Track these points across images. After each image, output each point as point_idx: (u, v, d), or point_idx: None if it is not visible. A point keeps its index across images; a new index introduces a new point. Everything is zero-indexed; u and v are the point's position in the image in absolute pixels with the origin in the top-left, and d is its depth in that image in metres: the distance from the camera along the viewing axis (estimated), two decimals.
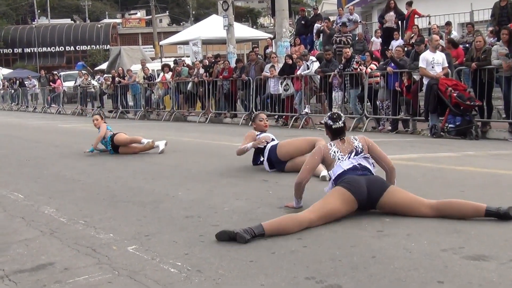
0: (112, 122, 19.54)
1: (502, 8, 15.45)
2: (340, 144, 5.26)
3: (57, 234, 4.91)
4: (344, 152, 5.20)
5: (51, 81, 30.30)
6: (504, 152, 9.37)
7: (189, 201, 6.06)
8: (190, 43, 26.01)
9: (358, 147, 5.22)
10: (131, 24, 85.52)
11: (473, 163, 8.16)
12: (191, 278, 3.69)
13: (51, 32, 72.19)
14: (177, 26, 74.58)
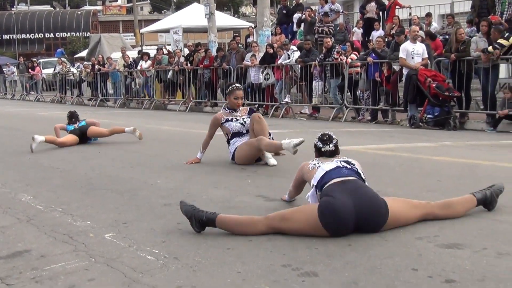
0: (92, 110, 19.46)
1: (481, 0, 15.55)
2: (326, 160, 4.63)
3: (34, 222, 4.88)
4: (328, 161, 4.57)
5: (30, 68, 29.99)
6: (481, 143, 9.46)
7: (168, 189, 6.05)
8: (171, 31, 25.86)
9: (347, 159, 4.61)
10: (112, 12, 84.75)
11: (450, 153, 8.23)
12: (168, 266, 3.69)
13: (30, 19, 71.30)
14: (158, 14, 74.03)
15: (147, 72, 20.93)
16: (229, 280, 3.41)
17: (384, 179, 6.21)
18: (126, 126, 10.28)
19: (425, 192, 5.51)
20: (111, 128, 10.25)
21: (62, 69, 26.82)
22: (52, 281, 3.51)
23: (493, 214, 4.60)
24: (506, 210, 4.71)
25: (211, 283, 3.38)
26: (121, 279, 3.49)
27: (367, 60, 13.26)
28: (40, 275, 3.62)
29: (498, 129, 11.10)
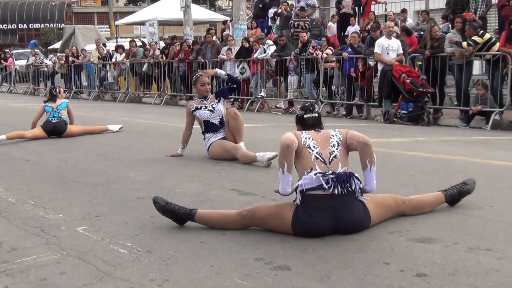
0: None
1: None
2: (314, 132, 4.22)
3: (5, 214, 4.84)
4: (318, 142, 4.13)
5: (2, 59, 29.55)
6: (454, 138, 9.56)
7: (141, 182, 6.03)
8: (147, 24, 25.71)
9: (335, 136, 4.19)
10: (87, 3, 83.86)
11: (423, 148, 8.31)
12: (141, 259, 3.68)
13: (3, 9, 70.31)
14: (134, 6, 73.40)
15: (122, 65, 20.78)
16: (202, 274, 3.41)
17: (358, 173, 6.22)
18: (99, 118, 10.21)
19: (398, 186, 5.56)
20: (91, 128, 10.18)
21: (35, 61, 26.53)
22: (23, 274, 3.48)
23: (464, 209, 4.65)
24: (477, 205, 4.77)
25: (184, 277, 3.38)
26: (94, 272, 3.47)
27: (343, 55, 13.31)
28: (11, 268, 3.59)
29: (471, 125, 11.23)
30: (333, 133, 4.22)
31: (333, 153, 4.10)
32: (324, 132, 4.24)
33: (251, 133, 9.92)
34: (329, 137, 4.17)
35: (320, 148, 4.09)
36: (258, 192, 5.40)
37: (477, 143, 9.06)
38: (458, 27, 11.84)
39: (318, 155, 4.06)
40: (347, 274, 3.35)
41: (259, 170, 6.55)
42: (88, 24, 53.42)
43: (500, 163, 6.94)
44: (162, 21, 26.21)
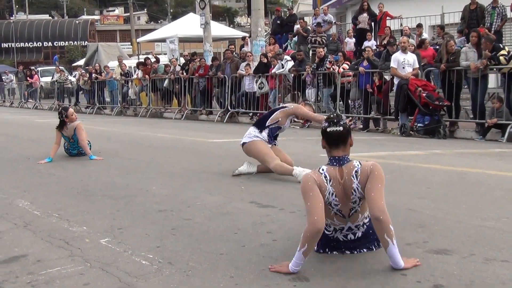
0: (89, 118, 19.45)
1: (471, 11, 15.64)
2: (338, 177, 3.70)
3: (30, 227, 4.88)
4: (340, 199, 3.71)
5: (28, 76, 29.95)
6: (470, 151, 9.49)
7: (162, 195, 6.05)
8: (167, 41, 25.90)
9: (356, 191, 3.69)
10: (109, 21, 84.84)
11: (439, 161, 8.26)
12: (162, 270, 3.70)
13: (29, 28, 71.31)
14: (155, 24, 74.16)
15: (143, 81, 20.93)
16: (222, 285, 3.42)
17: None
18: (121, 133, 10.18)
19: (415, 199, 5.53)
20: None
21: (60, 78, 26.81)
22: (48, 286, 3.51)
23: (480, 221, 4.62)
24: (493, 217, 4.73)
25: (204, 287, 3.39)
26: (116, 284, 3.49)
27: (359, 70, 13.30)
28: (36, 280, 3.61)
29: (487, 137, 11.15)
30: (355, 185, 3.67)
31: (353, 209, 3.77)
32: (346, 183, 3.68)
33: None
34: (351, 192, 3.69)
35: (341, 205, 3.74)
36: (277, 205, 5.39)
37: (493, 155, 8.98)
38: (474, 41, 11.78)
39: (339, 212, 3.77)
40: (365, 285, 3.34)
41: (277, 183, 6.55)
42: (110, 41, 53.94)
43: None
44: (183, 37, 26.40)
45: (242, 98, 16.78)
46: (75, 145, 9.09)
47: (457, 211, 5.00)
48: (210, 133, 12.92)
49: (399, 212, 4.96)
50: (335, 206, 3.74)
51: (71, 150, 9.15)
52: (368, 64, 13.32)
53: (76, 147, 9.11)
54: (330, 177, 3.70)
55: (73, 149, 9.13)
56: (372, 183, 3.61)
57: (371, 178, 3.62)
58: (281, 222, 4.76)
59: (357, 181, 3.67)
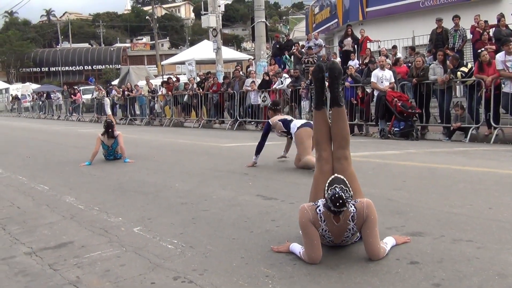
0: (122, 128, 19.45)
1: (438, 34, 15.59)
2: (334, 221, 3.38)
3: (76, 218, 4.89)
4: (333, 234, 3.45)
5: (72, 94, 30.04)
6: (439, 150, 9.45)
7: (184, 191, 6.05)
8: (186, 63, 25.93)
9: (351, 230, 3.43)
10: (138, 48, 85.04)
11: (413, 159, 8.22)
12: (185, 253, 3.70)
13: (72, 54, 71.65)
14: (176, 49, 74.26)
15: (167, 96, 20.97)
16: (234, 264, 3.41)
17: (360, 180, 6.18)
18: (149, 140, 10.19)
19: (393, 190, 5.51)
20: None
21: (98, 95, 26.87)
22: (91, 267, 3.52)
23: (448, 208, 4.60)
24: (459, 204, 4.71)
25: (220, 267, 3.38)
26: (147, 264, 3.50)
27: (345, 85, 13.28)
28: (81, 262, 3.62)
29: (452, 139, 11.09)
30: (350, 226, 3.40)
31: (345, 240, 3.55)
32: (342, 225, 3.39)
33: (272, 150, 9.93)
34: (346, 231, 3.43)
35: (334, 238, 3.48)
36: (279, 197, 5.39)
37: (457, 153, 8.94)
38: (440, 59, 11.74)
39: (331, 241, 3.52)
40: (352, 262, 3.33)
41: (279, 180, 6.55)
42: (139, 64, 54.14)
43: (477, 169, 6.84)
44: (199, 60, 26.44)
45: (248, 110, 16.77)
46: (112, 152, 9.08)
47: (428, 200, 4.98)
48: (223, 139, 12.91)
49: (380, 201, 4.94)
50: (327, 238, 3.48)
51: (108, 156, 9.12)
52: (352, 80, 13.30)
53: (112, 153, 9.09)
54: (325, 218, 3.38)
55: (109, 155, 9.11)
56: (370, 229, 3.33)
57: (368, 223, 3.33)
58: (282, 212, 4.75)
59: (353, 223, 3.39)
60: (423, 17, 20.68)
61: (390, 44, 18.46)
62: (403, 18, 22.44)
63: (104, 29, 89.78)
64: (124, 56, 72.89)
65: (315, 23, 32.18)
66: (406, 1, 22.51)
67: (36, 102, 36.31)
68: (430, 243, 3.63)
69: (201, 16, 23.26)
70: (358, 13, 24.98)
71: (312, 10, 33.44)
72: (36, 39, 79.72)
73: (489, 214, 4.37)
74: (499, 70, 10.29)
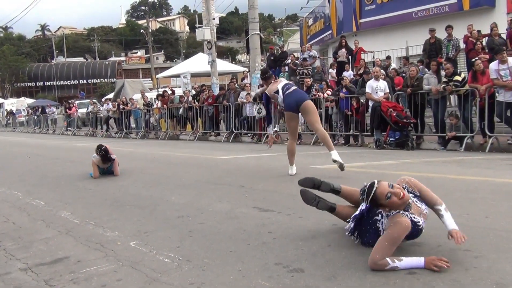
0: (118, 141, 19.45)
1: (431, 44, 15.72)
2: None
3: (71, 233, 4.86)
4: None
5: (67, 108, 30.03)
6: (435, 159, 9.47)
7: (181, 204, 6.03)
8: (181, 76, 26.00)
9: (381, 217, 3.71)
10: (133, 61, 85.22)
11: (409, 168, 8.24)
12: (182, 266, 3.67)
13: (67, 69, 71.76)
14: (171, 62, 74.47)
15: (162, 109, 20.99)
16: (231, 277, 3.39)
17: None
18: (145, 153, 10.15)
19: None
20: None
21: (93, 109, 26.89)
22: (87, 282, 3.49)
23: None
24: (455, 213, 4.67)
25: (217, 280, 3.36)
26: (144, 279, 3.47)
27: (340, 96, 13.33)
28: (77, 277, 3.59)
29: (447, 148, 11.14)
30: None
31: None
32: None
33: (268, 161, 9.95)
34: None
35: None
36: (275, 209, 5.37)
37: (453, 162, 8.96)
38: (434, 69, 11.83)
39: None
40: (350, 274, 3.31)
41: (274, 192, 6.54)
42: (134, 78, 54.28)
43: (473, 178, 6.86)
44: (194, 73, 26.50)
45: (244, 122, 16.80)
46: (107, 172, 8.91)
47: None
48: (219, 151, 12.90)
49: None
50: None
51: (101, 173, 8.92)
52: (347, 91, 13.35)
53: (108, 172, 8.93)
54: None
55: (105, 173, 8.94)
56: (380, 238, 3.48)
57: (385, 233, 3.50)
58: (279, 223, 4.74)
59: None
60: (416, 27, 20.85)
61: (384, 54, 18.58)
62: (396, 28, 22.61)
63: (99, 43, 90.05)
64: (119, 69, 73.06)
65: (309, 35, 32.37)
66: (399, 12, 22.68)
67: (31, 116, 36.28)
68: (428, 253, 3.62)
69: (195, 29, 23.32)
70: (352, 24, 25.16)
71: (306, 21, 33.64)
72: (31, 54, 79.86)
73: (486, 223, 4.37)
74: (492, 79, 10.36)
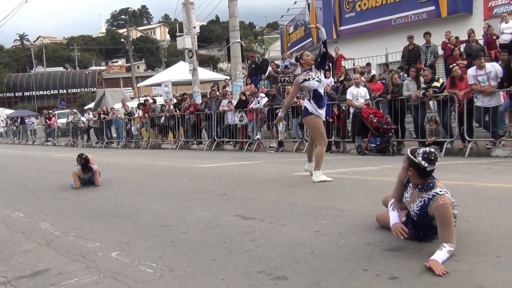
0: (99, 151, 19.30)
1: (410, 51, 15.91)
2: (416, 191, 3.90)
3: (52, 245, 4.79)
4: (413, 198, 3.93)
5: (47, 118, 29.73)
6: None
7: (163, 213, 5.99)
8: (162, 85, 25.92)
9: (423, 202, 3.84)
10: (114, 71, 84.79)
11: (390, 174, 8.27)
12: (164, 276, 3.64)
13: (46, 78, 71.11)
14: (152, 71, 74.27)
15: (143, 119, 20.90)
16: (214, 286, 3.38)
17: (338, 197, 6.25)
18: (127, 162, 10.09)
19: (371, 206, 5.53)
20: None
21: (73, 119, 26.65)
22: None
23: None
24: None
25: None
26: None
27: None
28: None
29: None
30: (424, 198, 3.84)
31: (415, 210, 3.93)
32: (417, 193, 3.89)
33: (251, 169, 9.94)
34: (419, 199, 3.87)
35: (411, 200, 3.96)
36: (257, 217, 5.36)
37: None
38: (413, 75, 11.96)
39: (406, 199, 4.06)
40: (333, 280, 3.32)
41: (257, 199, 6.53)
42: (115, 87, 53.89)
43: (453, 182, 6.92)
44: (175, 82, 26.44)
45: (226, 130, 16.79)
46: (88, 182, 8.80)
47: None
48: (201, 159, 12.87)
49: (359, 218, 4.98)
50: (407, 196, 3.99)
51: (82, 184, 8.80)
52: (328, 98, 13.40)
53: (89, 183, 8.81)
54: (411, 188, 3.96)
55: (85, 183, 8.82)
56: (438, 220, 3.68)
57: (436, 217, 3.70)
58: (262, 231, 4.73)
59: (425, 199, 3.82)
60: (395, 34, 21.12)
61: (364, 61, 18.75)
62: (376, 36, 22.87)
63: (79, 52, 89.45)
64: (100, 79, 72.61)
65: (290, 42, 32.55)
66: (378, 19, 22.96)
67: (10, 127, 35.82)
68: (409, 258, 3.65)
69: (176, 38, 23.29)
70: (332, 32, 25.38)
71: (286, 29, 33.84)
72: (9, 64, 79.05)
73: (466, 226, 4.41)
74: (471, 84, 10.51)
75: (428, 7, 21.04)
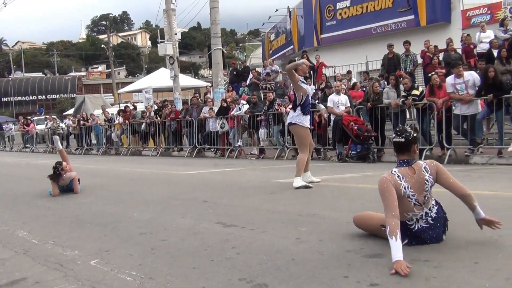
0: (78, 158, 19.11)
1: (389, 59, 16.08)
2: (410, 174, 4.00)
3: (29, 253, 4.72)
4: (415, 190, 3.97)
5: (25, 125, 29.36)
6: None
7: (143, 220, 5.95)
8: (143, 91, 25.81)
9: (429, 181, 4.02)
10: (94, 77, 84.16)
11: (371, 181, 8.32)
12: (144, 285, 3.61)
13: (25, 84, 70.28)
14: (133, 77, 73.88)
15: (124, 125, 20.77)
16: None
17: (319, 204, 6.27)
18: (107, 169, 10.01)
19: (352, 213, 5.54)
20: None
21: (52, 125, 26.37)
22: None
23: None
24: None
25: None
26: None
27: None
28: None
29: None
30: (427, 176, 3.99)
31: (426, 196, 4.03)
32: (419, 176, 3.99)
33: (232, 176, 9.93)
34: (424, 183, 3.98)
35: (417, 195, 3.98)
36: (238, 224, 5.36)
37: None
38: (393, 83, 12.09)
39: (416, 201, 3.99)
40: (314, 287, 3.32)
41: (239, 206, 6.53)
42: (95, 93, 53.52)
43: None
44: (156, 88, 26.34)
45: (207, 137, 16.77)
46: (67, 189, 8.67)
47: None
48: (182, 166, 12.82)
49: (339, 225, 4.99)
50: (412, 197, 3.96)
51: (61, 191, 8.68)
52: None
53: (68, 190, 8.68)
54: (402, 175, 3.96)
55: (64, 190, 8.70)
56: (445, 173, 4.07)
57: (440, 171, 4.05)
58: (243, 238, 4.72)
59: (428, 174, 3.99)
60: (375, 43, 21.33)
61: (344, 69, 18.90)
62: (356, 44, 23.08)
63: (59, 58, 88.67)
64: (80, 85, 72.01)
65: (272, 50, 32.68)
66: (358, 28, 23.19)
67: None
68: (389, 264, 3.66)
69: (157, 44, 23.23)
70: (313, 40, 25.55)
71: (268, 37, 33.96)
72: None
73: None
74: (449, 92, 10.66)
75: (408, 16, 21.32)
